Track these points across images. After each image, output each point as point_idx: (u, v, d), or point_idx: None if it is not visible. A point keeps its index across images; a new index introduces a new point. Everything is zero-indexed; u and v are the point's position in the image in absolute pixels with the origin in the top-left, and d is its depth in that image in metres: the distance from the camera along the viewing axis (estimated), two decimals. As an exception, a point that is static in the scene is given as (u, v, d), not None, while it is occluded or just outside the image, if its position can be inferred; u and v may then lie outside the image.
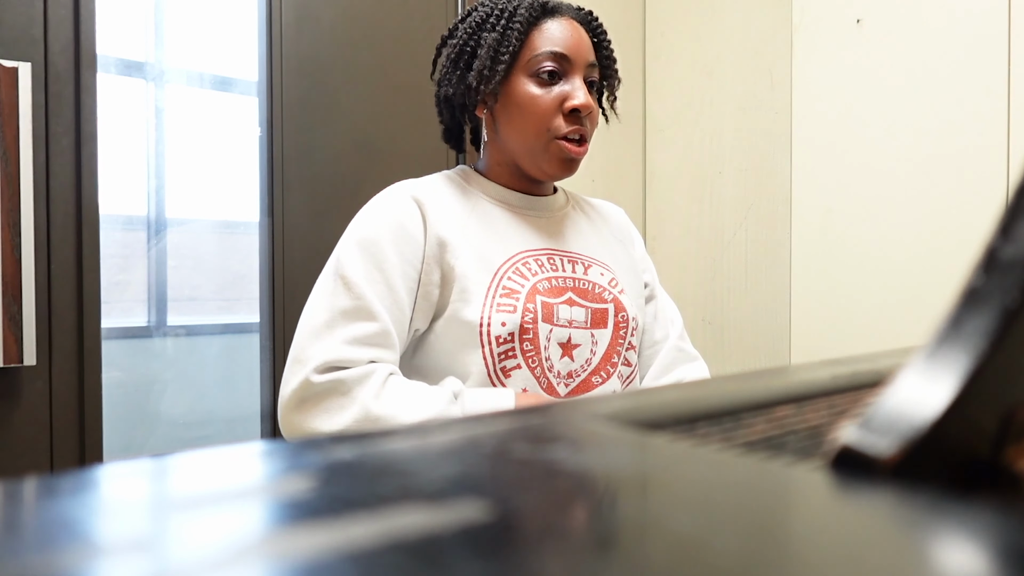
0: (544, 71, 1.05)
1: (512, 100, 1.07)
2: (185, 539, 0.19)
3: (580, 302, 1.07)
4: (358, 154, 1.97)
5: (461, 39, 1.10)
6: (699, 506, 0.21)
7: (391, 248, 1.01)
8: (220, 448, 0.26)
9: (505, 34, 1.06)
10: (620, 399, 0.36)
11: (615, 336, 1.09)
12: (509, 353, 1.01)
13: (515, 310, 1.02)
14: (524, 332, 1.02)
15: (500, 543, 0.18)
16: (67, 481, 0.23)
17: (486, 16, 1.09)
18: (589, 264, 1.12)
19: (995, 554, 0.18)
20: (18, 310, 1.52)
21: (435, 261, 1.02)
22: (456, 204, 1.08)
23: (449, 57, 1.11)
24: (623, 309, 1.11)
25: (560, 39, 1.07)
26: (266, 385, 1.92)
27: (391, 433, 0.29)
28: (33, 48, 1.58)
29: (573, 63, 1.07)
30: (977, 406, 0.22)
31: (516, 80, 1.07)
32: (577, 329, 1.06)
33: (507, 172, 1.13)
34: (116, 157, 1.85)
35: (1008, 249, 0.22)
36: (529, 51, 1.06)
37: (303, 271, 1.90)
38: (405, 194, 1.06)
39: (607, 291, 1.11)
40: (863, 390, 0.41)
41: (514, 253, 1.07)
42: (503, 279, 1.04)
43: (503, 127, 1.09)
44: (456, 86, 1.09)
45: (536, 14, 1.07)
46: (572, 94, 1.06)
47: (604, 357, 1.08)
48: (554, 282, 1.07)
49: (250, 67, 1.95)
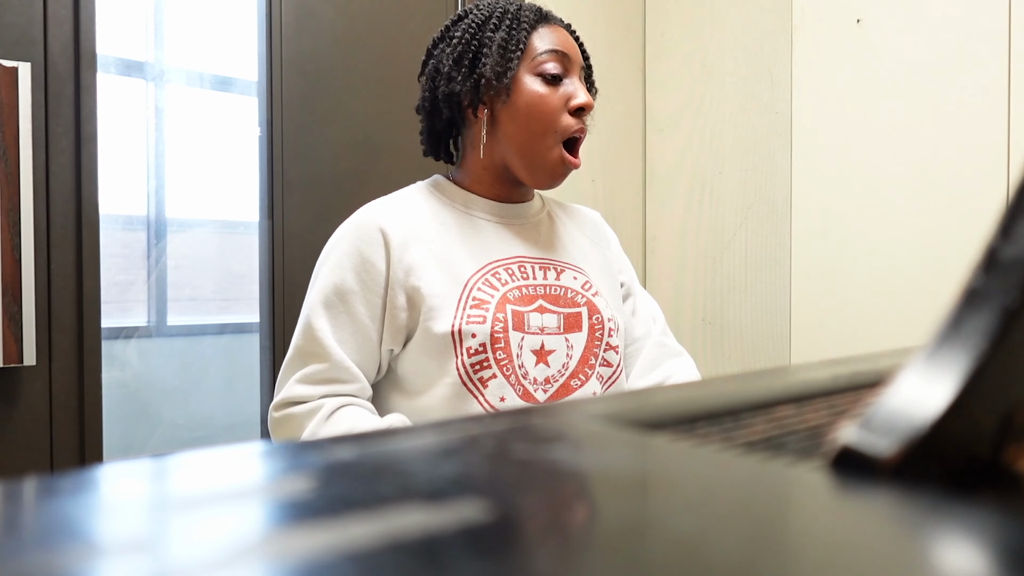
0: (549, 71, 1.08)
1: (520, 98, 1.08)
2: (185, 539, 0.19)
3: (551, 308, 1.09)
4: (358, 154, 1.97)
5: (463, 39, 1.10)
6: (699, 506, 0.21)
7: (354, 280, 1.05)
8: (220, 448, 0.26)
9: (511, 32, 1.09)
10: (620, 399, 0.36)
11: (591, 339, 1.10)
12: (484, 363, 1.03)
13: (484, 320, 1.04)
14: (495, 341, 1.04)
15: (500, 543, 0.18)
16: (67, 481, 0.23)
17: (486, 17, 1.11)
18: (562, 269, 1.13)
19: (995, 554, 0.18)
20: (18, 310, 1.52)
21: (399, 286, 1.05)
22: (425, 220, 1.10)
23: (450, 56, 1.11)
24: (597, 311, 1.12)
25: (559, 41, 1.10)
26: (266, 385, 1.92)
27: (391, 433, 0.29)
28: (33, 48, 1.58)
29: (573, 62, 1.10)
30: (977, 406, 0.22)
31: (522, 79, 1.08)
32: (550, 335, 1.07)
33: (490, 178, 1.14)
34: (116, 157, 1.85)
35: (1008, 249, 0.22)
36: (532, 50, 1.09)
37: (303, 271, 1.90)
38: (369, 222, 1.08)
39: (580, 294, 1.12)
40: (863, 390, 0.41)
41: (483, 264, 1.08)
42: (473, 290, 1.06)
43: (506, 126, 1.10)
44: (463, 83, 1.10)
45: (536, 18, 1.11)
46: (575, 93, 1.09)
47: (581, 360, 1.09)
48: (524, 290, 1.08)
49: (250, 67, 1.95)
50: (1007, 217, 0.23)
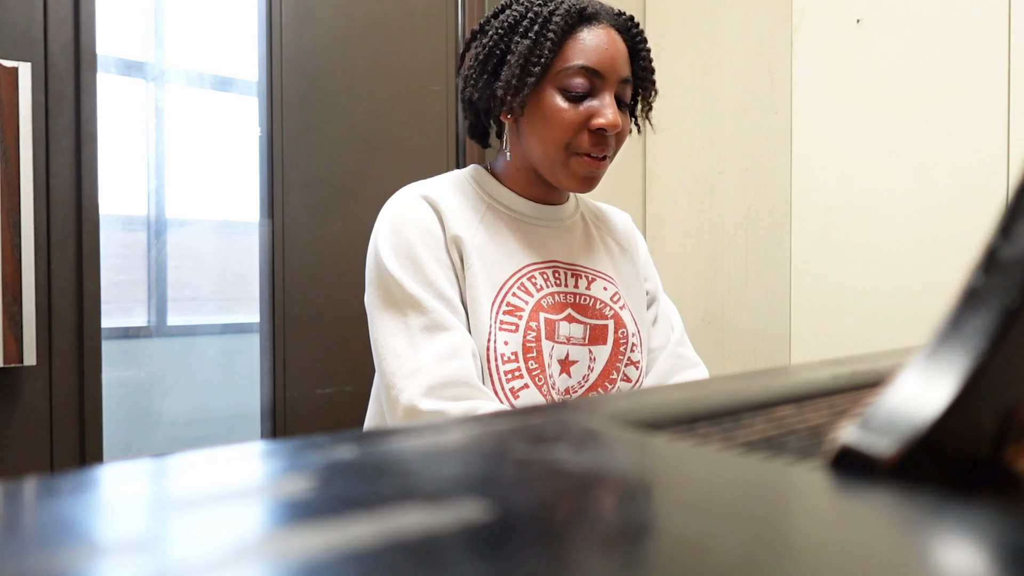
0: (573, 88, 1.00)
1: (538, 111, 1.02)
2: (185, 539, 0.19)
3: (579, 318, 1.06)
4: (358, 154, 1.97)
5: (492, 40, 1.04)
6: (699, 506, 0.21)
7: (427, 255, 0.99)
8: (220, 448, 0.26)
9: (538, 42, 1.00)
10: (620, 399, 0.36)
11: (614, 352, 1.08)
12: (516, 373, 0.99)
13: (517, 329, 1.00)
14: (528, 351, 1.00)
15: (500, 543, 0.18)
16: (67, 481, 0.23)
17: (520, 17, 1.03)
18: (593, 278, 1.10)
19: (995, 554, 0.18)
20: (18, 310, 1.52)
21: (456, 252, 1.02)
22: (465, 210, 1.06)
23: (477, 58, 1.05)
24: (623, 325, 1.09)
25: (594, 52, 1.01)
26: (266, 385, 1.92)
27: (391, 433, 0.29)
28: (33, 48, 1.58)
29: (605, 79, 1.01)
30: (977, 406, 0.22)
31: (545, 91, 1.02)
32: (575, 346, 1.04)
33: (525, 178, 1.10)
34: (116, 157, 1.85)
35: (1008, 249, 0.22)
36: (561, 62, 1.01)
37: (303, 271, 1.90)
38: (415, 195, 1.04)
39: (608, 307, 1.09)
40: (863, 390, 0.41)
41: (519, 268, 1.05)
42: (507, 295, 1.02)
43: (526, 135, 1.05)
44: (482, 91, 1.05)
45: (572, 21, 1.01)
46: (601, 111, 1.00)
47: (602, 374, 1.06)
48: (557, 297, 1.05)
49: (250, 67, 1.95)
50: (1007, 217, 0.23)
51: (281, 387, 1.88)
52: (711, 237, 2.29)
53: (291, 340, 1.89)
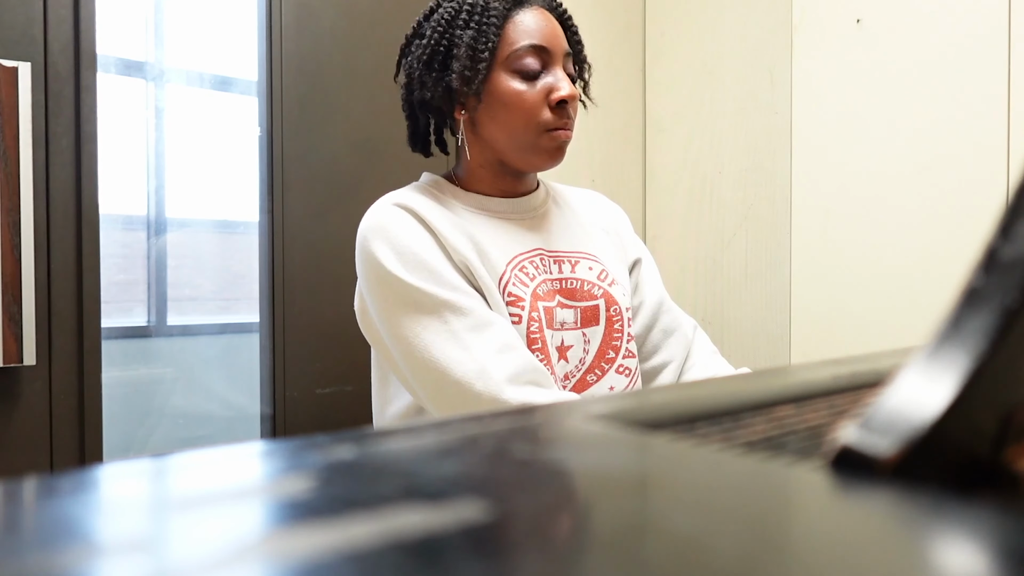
0: (526, 68, 1.02)
1: (496, 98, 1.03)
2: (185, 539, 0.19)
3: (568, 303, 1.05)
4: (358, 154, 1.97)
5: (432, 39, 1.05)
6: (699, 506, 0.21)
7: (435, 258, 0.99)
8: (220, 448, 0.26)
9: (481, 29, 1.02)
10: (620, 399, 0.36)
11: (608, 331, 1.07)
12: None
13: (520, 320, 1.00)
14: (532, 343, 1.00)
15: (500, 543, 0.18)
16: (67, 481, 0.23)
17: (456, 12, 1.05)
18: (576, 260, 1.09)
19: (995, 554, 0.18)
20: (18, 310, 1.52)
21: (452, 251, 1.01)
22: (441, 213, 1.04)
23: (421, 59, 1.06)
24: (615, 302, 1.08)
25: (537, 31, 1.04)
26: (266, 385, 1.92)
27: (391, 433, 0.29)
28: (33, 48, 1.58)
29: (552, 54, 1.04)
30: (977, 406, 0.22)
31: (497, 77, 1.03)
32: (568, 331, 1.04)
33: (490, 174, 1.09)
34: (116, 157, 1.85)
35: (1008, 249, 0.22)
36: (507, 46, 1.03)
37: (303, 271, 1.90)
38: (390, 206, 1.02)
39: (596, 286, 1.08)
40: (863, 390, 0.41)
41: (512, 256, 1.04)
42: (508, 285, 1.01)
43: (487, 126, 1.05)
44: (434, 88, 1.05)
45: (508, 6, 1.04)
46: (556, 85, 1.03)
47: (598, 355, 1.05)
48: (548, 285, 1.05)
49: (250, 67, 1.95)
50: (1007, 217, 0.23)
51: (281, 387, 1.88)
52: (711, 237, 2.29)
53: (291, 340, 1.89)
